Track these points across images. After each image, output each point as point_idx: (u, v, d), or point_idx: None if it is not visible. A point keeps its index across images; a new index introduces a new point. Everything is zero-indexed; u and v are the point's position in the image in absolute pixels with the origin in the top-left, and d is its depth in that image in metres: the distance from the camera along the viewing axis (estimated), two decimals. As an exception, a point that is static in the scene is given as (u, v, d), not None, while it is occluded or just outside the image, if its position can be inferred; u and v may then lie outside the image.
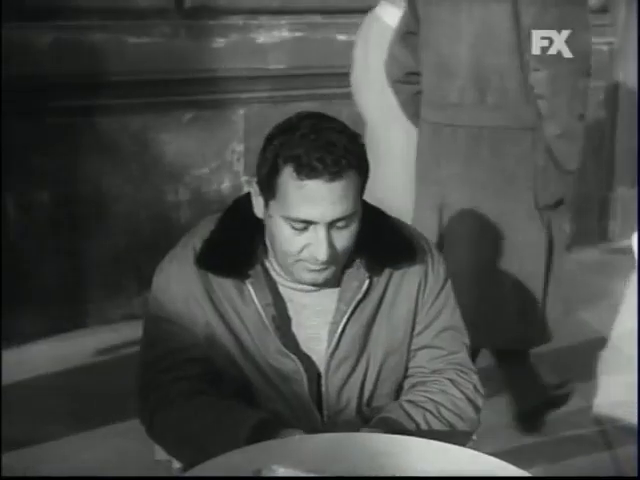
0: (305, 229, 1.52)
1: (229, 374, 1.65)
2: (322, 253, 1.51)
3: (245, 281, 1.62)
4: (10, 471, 2.76)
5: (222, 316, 1.63)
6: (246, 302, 1.62)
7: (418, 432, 1.59)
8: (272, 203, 1.55)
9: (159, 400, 1.65)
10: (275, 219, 1.55)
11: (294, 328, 1.66)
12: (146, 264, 2.11)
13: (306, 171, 1.47)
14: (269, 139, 1.55)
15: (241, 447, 1.47)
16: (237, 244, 1.64)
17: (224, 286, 1.63)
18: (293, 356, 1.62)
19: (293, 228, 1.53)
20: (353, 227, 1.56)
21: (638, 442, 2.91)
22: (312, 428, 1.58)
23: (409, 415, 1.63)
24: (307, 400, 1.64)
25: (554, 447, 3.08)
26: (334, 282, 1.64)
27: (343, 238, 1.55)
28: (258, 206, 1.61)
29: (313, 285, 1.63)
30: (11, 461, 2.86)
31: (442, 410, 1.67)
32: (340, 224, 1.53)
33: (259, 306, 1.61)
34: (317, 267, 1.56)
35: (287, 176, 1.50)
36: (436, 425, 1.65)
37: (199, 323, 1.64)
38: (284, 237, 1.55)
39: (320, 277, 1.58)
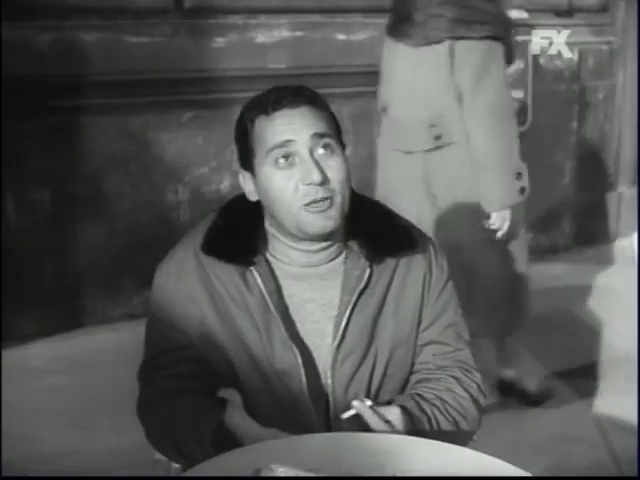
0: (291, 164, 1.55)
1: (223, 374, 1.65)
2: (314, 174, 1.52)
3: (250, 267, 1.62)
4: (10, 471, 2.76)
5: (220, 313, 1.63)
6: (250, 289, 1.62)
7: (421, 432, 1.59)
8: (255, 162, 1.58)
9: (150, 398, 1.67)
10: (263, 173, 1.57)
11: (296, 322, 1.65)
12: (146, 264, 2.11)
13: (272, 106, 1.56)
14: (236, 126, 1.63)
15: (208, 451, 1.49)
16: (240, 232, 1.65)
17: (225, 276, 1.62)
18: (295, 348, 1.61)
19: (280, 167, 1.55)
20: (337, 158, 1.57)
21: (638, 442, 2.91)
22: (305, 429, 1.56)
23: (420, 406, 1.63)
24: (303, 399, 1.63)
25: (554, 447, 3.08)
26: (340, 237, 1.63)
27: (331, 167, 1.56)
28: (249, 189, 1.63)
29: (321, 239, 1.60)
30: (11, 461, 2.86)
31: (449, 408, 1.67)
32: (321, 149, 1.55)
33: (265, 292, 1.61)
34: (320, 206, 1.54)
35: (258, 123, 1.57)
36: (442, 422, 1.65)
37: (194, 323, 1.64)
38: (277, 183, 1.55)
39: (328, 222, 1.56)
